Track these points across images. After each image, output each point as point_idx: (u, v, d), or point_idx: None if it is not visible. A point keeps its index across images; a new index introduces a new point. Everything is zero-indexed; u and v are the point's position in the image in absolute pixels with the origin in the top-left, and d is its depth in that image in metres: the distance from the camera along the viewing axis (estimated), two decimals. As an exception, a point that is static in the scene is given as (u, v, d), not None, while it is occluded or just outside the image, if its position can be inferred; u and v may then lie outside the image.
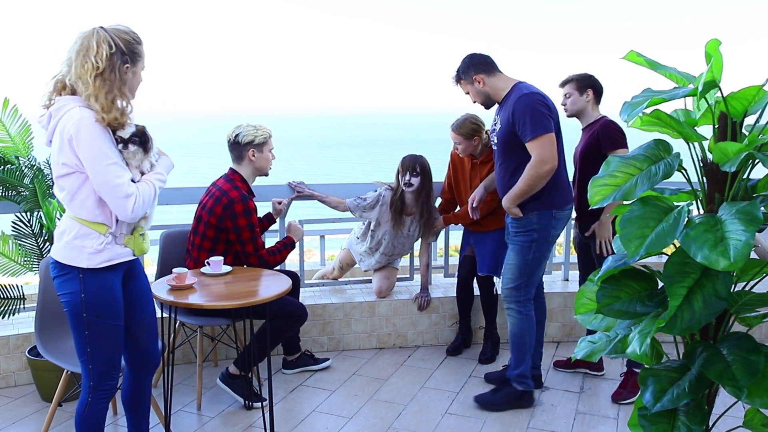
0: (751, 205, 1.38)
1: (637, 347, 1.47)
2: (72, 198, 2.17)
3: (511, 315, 3.20)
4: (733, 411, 1.82)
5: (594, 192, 1.56)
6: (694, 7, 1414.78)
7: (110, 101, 2.09)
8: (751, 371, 1.42)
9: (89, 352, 2.26)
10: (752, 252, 1.62)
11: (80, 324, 2.23)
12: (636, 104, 1.52)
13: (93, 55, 2.07)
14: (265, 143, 3.30)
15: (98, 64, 2.07)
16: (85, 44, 2.09)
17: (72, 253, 2.19)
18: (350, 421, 3.15)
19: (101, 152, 2.09)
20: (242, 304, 2.68)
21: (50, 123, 2.13)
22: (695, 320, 1.39)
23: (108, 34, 2.11)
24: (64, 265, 2.21)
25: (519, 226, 3.12)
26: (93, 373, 2.28)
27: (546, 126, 2.92)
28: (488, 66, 3.11)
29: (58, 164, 2.13)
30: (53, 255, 2.25)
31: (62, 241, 2.21)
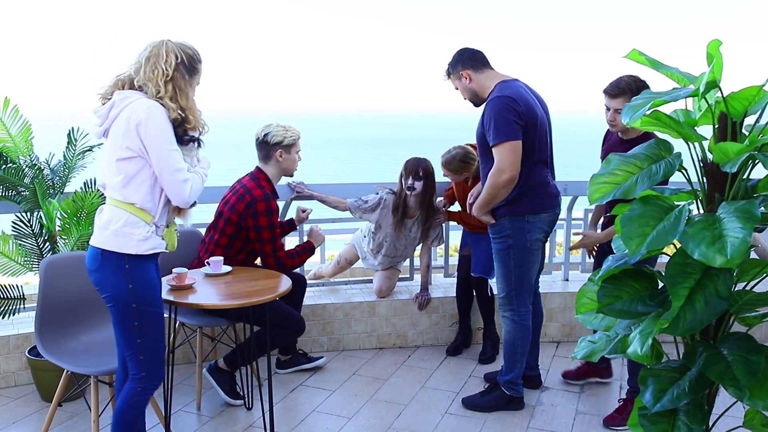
0: (749, 204, 1.39)
1: (639, 348, 1.47)
2: (128, 182, 2.25)
3: (506, 323, 3.18)
4: (733, 411, 1.82)
5: (593, 189, 1.56)
6: (694, 7, 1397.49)
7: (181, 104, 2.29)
8: (752, 371, 1.42)
9: (140, 343, 2.32)
10: (752, 252, 1.62)
11: (129, 315, 2.28)
12: (637, 107, 1.52)
13: (162, 62, 2.26)
14: (293, 145, 3.31)
15: (167, 71, 2.26)
16: (155, 52, 2.28)
17: (121, 241, 2.25)
18: (350, 421, 3.15)
19: (167, 138, 2.24)
20: (242, 304, 2.68)
21: (111, 111, 2.27)
22: (697, 321, 1.39)
23: (175, 46, 2.32)
24: (110, 253, 2.25)
25: (494, 232, 3.10)
26: (144, 364, 2.34)
27: (509, 133, 2.83)
28: (476, 62, 3.03)
29: (120, 148, 2.23)
30: (98, 244, 2.28)
31: (109, 230, 2.26)
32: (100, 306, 2.97)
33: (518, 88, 2.95)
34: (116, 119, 2.26)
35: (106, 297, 2.31)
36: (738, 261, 1.28)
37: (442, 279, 4.43)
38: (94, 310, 2.95)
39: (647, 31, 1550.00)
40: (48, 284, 2.79)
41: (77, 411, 3.16)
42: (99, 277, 2.30)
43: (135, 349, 2.33)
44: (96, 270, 2.30)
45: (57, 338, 2.78)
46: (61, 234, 3.36)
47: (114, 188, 2.28)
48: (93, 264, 2.31)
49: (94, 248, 2.31)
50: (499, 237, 3.07)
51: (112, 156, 2.26)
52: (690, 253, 1.33)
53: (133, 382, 2.37)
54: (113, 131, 2.27)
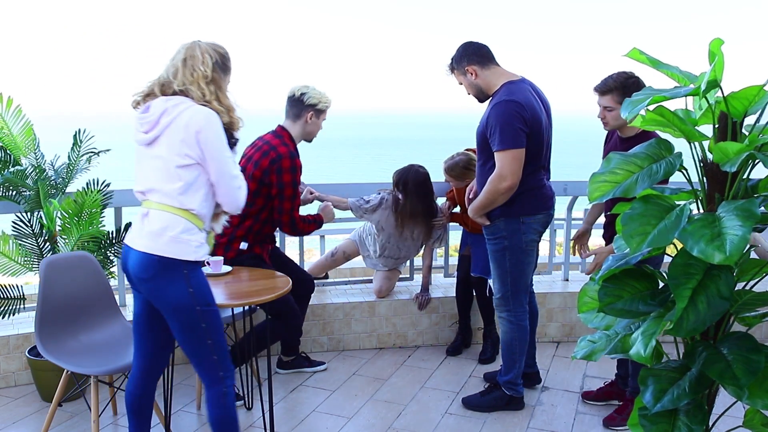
0: (749, 202, 1.39)
1: (642, 349, 1.47)
2: (187, 189, 2.22)
3: (503, 323, 3.18)
4: (733, 411, 1.82)
5: (593, 188, 1.56)
6: (694, 7, 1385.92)
7: (226, 105, 2.29)
8: (752, 370, 1.42)
9: (210, 344, 2.27)
10: (752, 252, 1.62)
11: (195, 319, 2.24)
12: (637, 102, 1.52)
13: (200, 64, 2.25)
14: (324, 112, 3.37)
15: (207, 72, 2.25)
16: (190, 54, 2.26)
17: (180, 247, 2.21)
18: (350, 421, 3.15)
19: (224, 146, 2.25)
20: (242, 304, 2.68)
21: (163, 118, 2.21)
22: (700, 321, 1.39)
23: (207, 46, 2.30)
24: (169, 260, 2.19)
25: (489, 233, 3.09)
26: (220, 363, 2.30)
27: (515, 141, 2.81)
28: (482, 57, 2.97)
29: (179, 155, 2.20)
30: (154, 251, 2.19)
31: (166, 236, 2.20)
32: (100, 306, 2.97)
33: (525, 92, 2.90)
34: (171, 125, 2.21)
35: (164, 305, 2.24)
36: (736, 258, 1.28)
37: (442, 279, 4.43)
38: (94, 310, 2.95)
39: (647, 31, 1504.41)
40: (48, 284, 2.79)
41: (77, 411, 3.16)
42: (155, 285, 2.22)
43: (206, 350, 2.28)
44: (151, 278, 2.21)
45: (57, 338, 2.78)
46: (61, 234, 3.36)
47: (169, 195, 2.22)
48: (147, 272, 2.21)
49: (148, 255, 2.20)
50: (495, 238, 3.06)
51: (168, 163, 2.21)
52: (689, 250, 1.33)
53: (215, 386, 2.32)
54: (168, 138, 2.22)
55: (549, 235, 4.74)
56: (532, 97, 2.91)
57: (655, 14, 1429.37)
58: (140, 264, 2.22)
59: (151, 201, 2.26)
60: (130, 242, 2.28)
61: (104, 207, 3.44)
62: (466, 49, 3.00)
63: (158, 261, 2.20)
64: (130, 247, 2.27)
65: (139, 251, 2.22)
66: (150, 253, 2.20)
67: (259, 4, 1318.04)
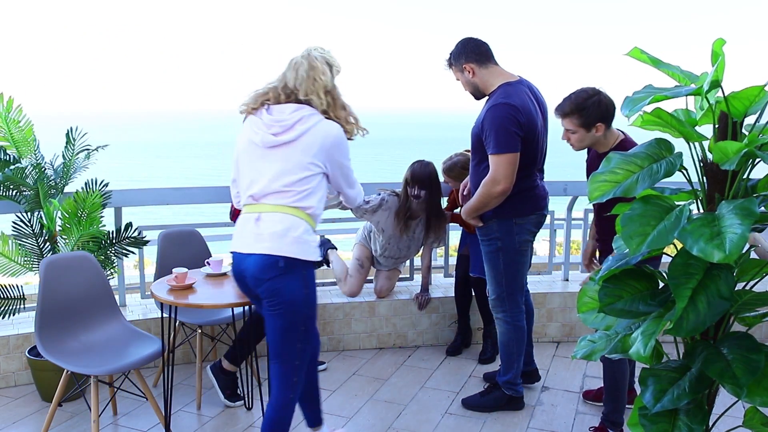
0: (748, 201, 1.39)
1: (642, 349, 1.47)
2: (311, 194, 2.33)
3: (499, 324, 3.18)
4: (733, 411, 1.82)
5: (593, 188, 1.55)
6: (694, 7, 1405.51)
7: (345, 115, 2.41)
8: (752, 370, 1.42)
9: (299, 348, 2.33)
10: (752, 252, 1.62)
11: (298, 320, 2.30)
12: (638, 100, 1.52)
13: (321, 75, 2.35)
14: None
15: (327, 83, 2.36)
16: (311, 65, 2.36)
17: (303, 248, 2.28)
18: (350, 421, 3.15)
19: (349, 159, 2.45)
20: (242, 304, 2.68)
21: (298, 125, 2.32)
22: (700, 321, 1.39)
23: (321, 56, 2.40)
24: (293, 261, 2.26)
25: (482, 234, 3.08)
26: (298, 370, 2.36)
27: (509, 145, 2.79)
28: (481, 55, 2.92)
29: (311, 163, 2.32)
30: (278, 252, 2.25)
31: (289, 237, 2.26)
32: (100, 306, 2.97)
33: (522, 94, 2.88)
34: (306, 134, 2.31)
35: (278, 303, 2.28)
36: (736, 256, 1.28)
37: (442, 279, 4.43)
38: (94, 310, 2.95)
39: (647, 31, 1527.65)
40: (48, 284, 2.79)
41: (77, 411, 3.16)
42: (276, 284, 2.26)
43: (294, 353, 2.33)
44: (274, 278, 2.26)
45: (57, 338, 2.78)
46: (61, 234, 3.36)
47: (292, 198, 2.30)
48: (270, 272, 2.26)
49: (271, 256, 2.25)
50: (488, 239, 3.05)
51: (298, 168, 2.31)
52: (688, 249, 1.33)
53: (286, 391, 2.36)
54: (302, 145, 2.31)
55: (549, 235, 4.75)
56: (528, 100, 2.89)
57: (655, 14, 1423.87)
58: (262, 265, 2.26)
59: (265, 204, 2.32)
60: (245, 248, 2.31)
61: (104, 207, 3.44)
62: (465, 46, 2.94)
63: (282, 261, 2.25)
64: (246, 254, 2.30)
65: (260, 254, 2.26)
66: (273, 255, 2.25)
67: (259, 4, 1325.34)
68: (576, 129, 2.72)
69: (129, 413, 3.17)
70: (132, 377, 3.16)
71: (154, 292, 2.71)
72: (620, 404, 2.88)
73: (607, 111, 2.69)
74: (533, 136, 2.89)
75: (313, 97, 2.35)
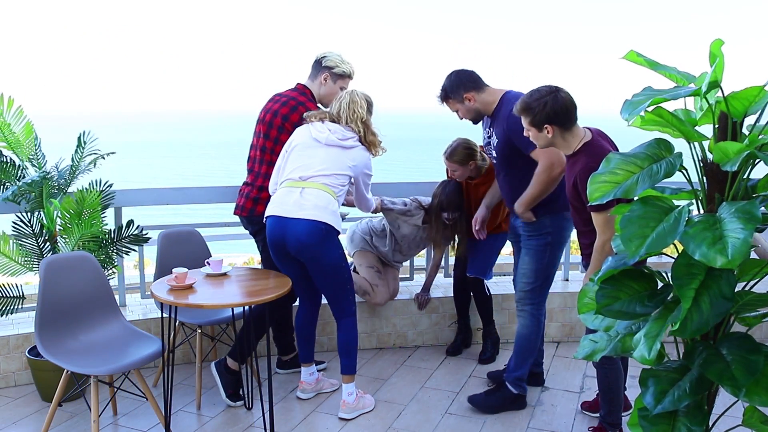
0: (750, 204, 1.38)
1: (646, 352, 1.46)
2: (343, 186, 3.08)
3: (523, 317, 3.19)
4: (732, 410, 1.82)
5: (594, 188, 1.55)
6: (694, 7, 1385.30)
7: (372, 140, 3.13)
8: (751, 371, 1.42)
9: (349, 288, 3.13)
10: (752, 252, 1.62)
11: (343, 272, 3.07)
12: (637, 103, 1.52)
13: (359, 108, 3.10)
14: (341, 77, 3.38)
15: (363, 115, 3.11)
16: (353, 99, 3.12)
17: (337, 219, 3.00)
18: (350, 421, 3.15)
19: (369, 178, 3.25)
20: (242, 304, 2.68)
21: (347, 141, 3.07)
22: (704, 322, 1.39)
23: (362, 95, 3.15)
24: (332, 228, 2.95)
25: (532, 230, 3.11)
26: (353, 301, 3.17)
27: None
28: (476, 82, 3.11)
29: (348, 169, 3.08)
30: (325, 220, 2.92)
31: (328, 209, 2.95)
32: (100, 306, 2.97)
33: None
34: (349, 150, 3.07)
35: (323, 263, 2.98)
36: (739, 261, 1.28)
37: (441, 279, 4.42)
38: (94, 310, 2.95)
39: (647, 31, 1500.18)
40: (48, 284, 2.79)
41: (77, 411, 3.16)
42: (320, 250, 2.95)
43: (346, 292, 3.12)
44: (317, 243, 2.93)
45: (57, 338, 2.78)
46: (61, 234, 3.36)
47: (332, 181, 3.02)
48: (314, 237, 2.91)
49: (316, 222, 2.91)
50: (539, 234, 3.09)
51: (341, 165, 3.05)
52: (691, 254, 1.33)
53: (348, 317, 3.16)
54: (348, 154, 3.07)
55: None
56: None
57: (655, 14, 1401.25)
58: (309, 230, 2.91)
59: (311, 182, 2.98)
60: (289, 213, 2.93)
61: (106, 207, 3.44)
62: (459, 78, 3.12)
63: (324, 227, 2.92)
64: (290, 218, 2.92)
65: (306, 219, 2.90)
66: (318, 221, 2.91)
67: (259, 4, 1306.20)
68: (528, 128, 2.65)
69: (129, 413, 3.17)
70: (132, 377, 3.16)
71: (154, 292, 2.71)
72: (616, 405, 2.88)
73: (556, 113, 2.54)
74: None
75: (351, 124, 3.09)
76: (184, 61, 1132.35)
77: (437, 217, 3.74)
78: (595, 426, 3.00)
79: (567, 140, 2.61)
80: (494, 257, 3.84)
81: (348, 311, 3.16)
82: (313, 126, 3.09)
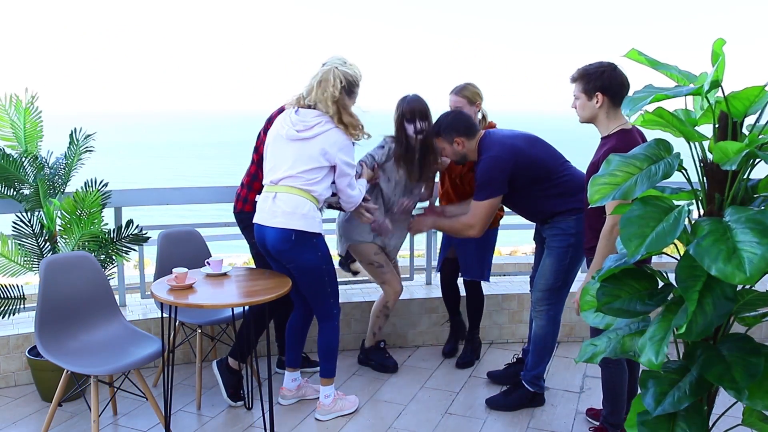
0: (761, 214, 1.37)
1: (653, 356, 1.44)
2: (320, 181, 2.89)
3: (541, 317, 3.19)
4: (733, 411, 1.82)
5: (594, 190, 1.55)
6: (694, 7, 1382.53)
7: (349, 121, 2.88)
8: (751, 373, 1.42)
9: (330, 291, 3.02)
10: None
11: (322, 276, 2.96)
12: (638, 99, 1.52)
13: (330, 87, 2.85)
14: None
15: (335, 94, 2.85)
16: (324, 77, 2.87)
17: (308, 222, 2.86)
18: (350, 421, 3.15)
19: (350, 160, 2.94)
20: (242, 304, 2.68)
21: (315, 128, 2.86)
22: (708, 323, 1.39)
23: (340, 72, 2.88)
24: (304, 232, 2.85)
25: (558, 230, 3.11)
26: (335, 304, 3.06)
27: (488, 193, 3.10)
28: (469, 130, 3.18)
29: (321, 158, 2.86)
30: (293, 227, 2.83)
31: (297, 214, 2.84)
32: (100, 306, 2.97)
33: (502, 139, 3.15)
34: (319, 136, 2.86)
35: (300, 267, 2.91)
36: (758, 279, 1.27)
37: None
38: (94, 310, 2.95)
39: (647, 31, 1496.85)
40: (48, 284, 2.79)
41: (77, 411, 3.16)
42: (293, 254, 2.87)
43: (327, 295, 3.01)
44: (290, 248, 2.86)
45: (57, 338, 2.78)
46: (61, 234, 3.35)
47: (303, 182, 2.86)
48: (285, 243, 2.85)
49: (284, 230, 2.84)
50: (563, 234, 3.10)
51: (311, 160, 2.86)
52: (706, 269, 1.31)
53: (329, 320, 3.07)
54: (317, 143, 2.86)
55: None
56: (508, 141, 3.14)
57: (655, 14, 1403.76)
58: (278, 237, 2.85)
59: (281, 186, 2.87)
60: (264, 221, 2.90)
61: (104, 207, 3.44)
62: (456, 121, 3.20)
63: (293, 235, 2.84)
64: (265, 225, 2.89)
65: (275, 228, 2.85)
66: (286, 228, 2.83)
67: (259, 4, 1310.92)
68: (579, 95, 2.69)
69: (129, 413, 3.17)
70: (132, 377, 3.16)
71: (154, 292, 2.71)
72: (619, 406, 2.87)
73: (611, 84, 2.59)
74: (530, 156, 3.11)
75: (319, 105, 2.87)
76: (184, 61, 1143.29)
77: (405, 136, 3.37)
78: (596, 426, 3.00)
79: (609, 118, 2.66)
80: (489, 255, 3.72)
81: (329, 314, 3.07)
82: (283, 117, 2.97)
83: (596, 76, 2.62)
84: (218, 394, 3.30)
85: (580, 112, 2.73)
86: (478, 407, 3.30)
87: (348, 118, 2.89)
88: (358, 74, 2.97)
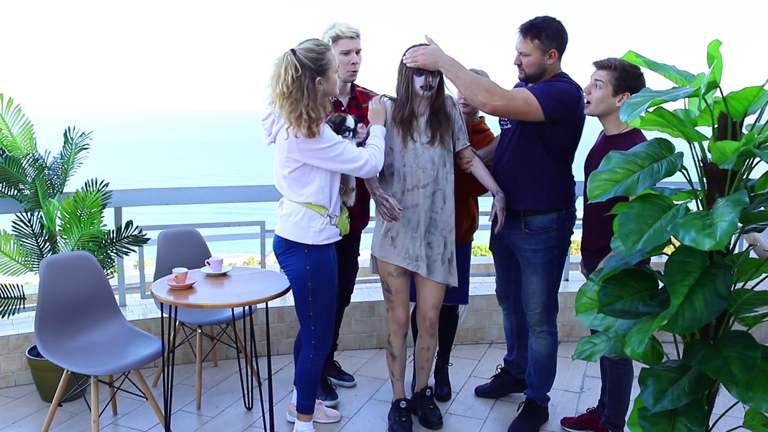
0: (739, 193, 1.39)
1: (636, 346, 1.46)
2: (304, 184, 2.61)
3: (543, 338, 2.98)
4: (733, 411, 1.82)
5: (594, 186, 1.55)
6: (694, 7, 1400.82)
7: (295, 118, 2.46)
8: (748, 366, 1.43)
9: (311, 315, 2.70)
10: (752, 251, 1.62)
11: (305, 292, 2.67)
12: (636, 104, 1.52)
13: (281, 82, 2.47)
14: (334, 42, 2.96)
15: (284, 90, 2.47)
16: (277, 72, 2.50)
17: (299, 232, 2.63)
18: (350, 421, 3.15)
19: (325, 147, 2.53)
20: (242, 304, 2.68)
21: (274, 126, 2.60)
22: (696, 319, 1.39)
23: (295, 57, 2.48)
24: (291, 242, 2.65)
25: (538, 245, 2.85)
26: (315, 333, 2.72)
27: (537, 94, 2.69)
28: (564, 47, 2.79)
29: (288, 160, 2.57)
30: (280, 233, 2.69)
31: (289, 222, 2.65)
32: (100, 306, 2.98)
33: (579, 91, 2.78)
34: (277, 136, 2.59)
35: (288, 276, 2.71)
36: (726, 242, 1.29)
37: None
38: (94, 310, 2.95)
39: (647, 31, 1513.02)
40: (48, 284, 2.79)
41: (77, 411, 3.16)
42: (284, 260, 2.72)
43: (307, 320, 2.71)
44: (281, 254, 2.72)
45: (57, 338, 2.78)
46: (61, 234, 3.36)
47: (285, 190, 2.66)
48: (277, 249, 2.73)
49: (276, 236, 2.72)
50: (547, 248, 2.86)
51: (280, 165, 2.62)
52: (681, 240, 1.34)
53: (305, 350, 2.75)
54: (278, 145, 2.60)
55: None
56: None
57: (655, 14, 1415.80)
58: (275, 243, 2.75)
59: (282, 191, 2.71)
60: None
61: (104, 207, 3.44)
62: (562, 33, 2.77)
63: (282, 241, 2.69)
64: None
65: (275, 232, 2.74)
66: (278, 235, 2.71)
67: (259, 4, 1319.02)
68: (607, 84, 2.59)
69: (129, 413, 3.17)
70: (132, 377, 3.16)
71: (154, 292, 2.71)
72: (622, 407, 2.86)
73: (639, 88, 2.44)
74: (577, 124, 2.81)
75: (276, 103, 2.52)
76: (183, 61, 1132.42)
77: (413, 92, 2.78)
78: (597, 426, 3.00)
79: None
80: (467, 274, 3.26)
81: (305, 342, 2.74)
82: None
83: (634, 78, 2.55)
84: (218, 394, 3.30)
85: (595, 104, 2.61)
86: (478, 407, 3.30)
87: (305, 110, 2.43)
88: (324, 45, 2.55)
